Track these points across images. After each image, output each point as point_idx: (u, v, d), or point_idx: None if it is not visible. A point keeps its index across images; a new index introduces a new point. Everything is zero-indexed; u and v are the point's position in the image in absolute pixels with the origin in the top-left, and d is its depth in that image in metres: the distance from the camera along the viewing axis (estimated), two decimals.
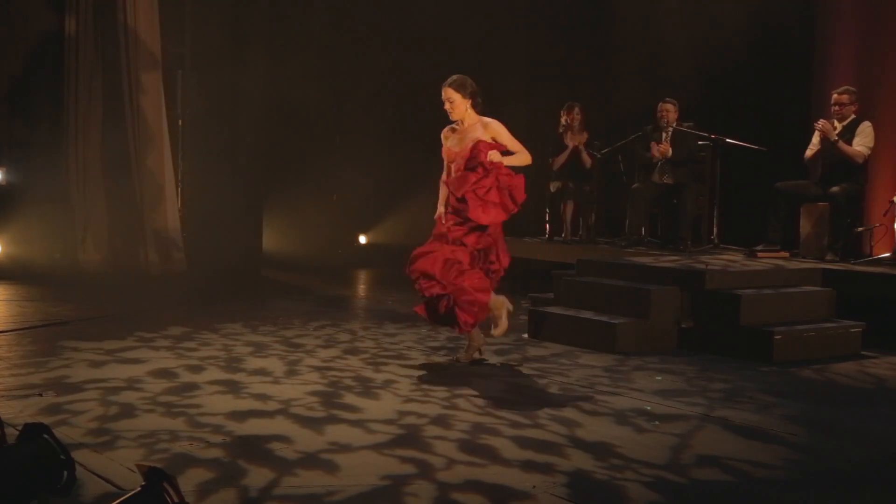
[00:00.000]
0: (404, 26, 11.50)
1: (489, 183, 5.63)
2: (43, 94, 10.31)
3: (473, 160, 5.70)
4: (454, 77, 5.85)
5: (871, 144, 7.87)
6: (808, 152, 8.13)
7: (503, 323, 5.83)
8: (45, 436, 3.00)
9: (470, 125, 5.82)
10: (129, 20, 10.22)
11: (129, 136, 10.32)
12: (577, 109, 9.50)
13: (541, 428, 4.40)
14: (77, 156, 10.26)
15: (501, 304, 5.81)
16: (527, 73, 11.58)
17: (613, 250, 8.66)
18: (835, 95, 8.02)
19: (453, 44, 11.45)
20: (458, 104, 5.79)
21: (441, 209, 5.88)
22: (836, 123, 8.01)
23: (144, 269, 10.28)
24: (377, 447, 4.03)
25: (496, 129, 5.84)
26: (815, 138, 8.10)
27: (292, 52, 11.34)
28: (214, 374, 5.40)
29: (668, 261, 7.46)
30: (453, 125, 5.90)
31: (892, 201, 7.74)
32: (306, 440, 4.10)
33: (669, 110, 8.88)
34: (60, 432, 3.76)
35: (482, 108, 5.90)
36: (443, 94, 5.82)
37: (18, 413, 4.37)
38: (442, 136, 5.94)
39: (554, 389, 5.22)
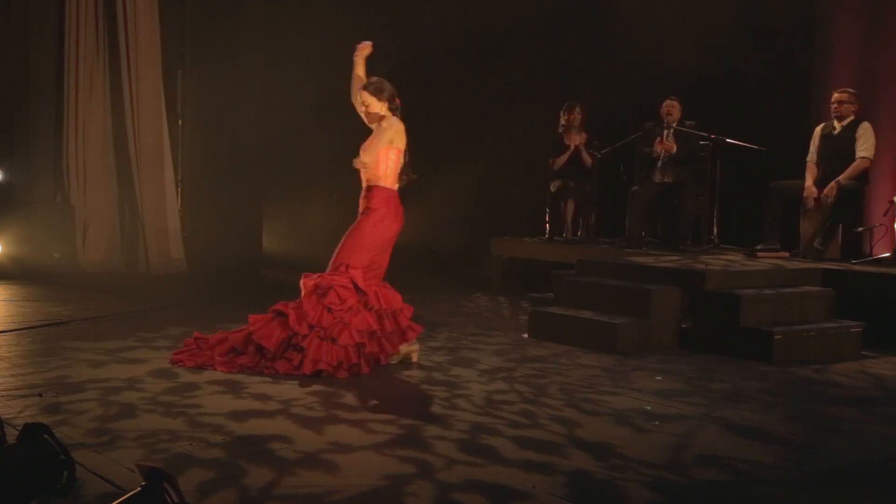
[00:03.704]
0: (404, 25, 11.49)
1: None
2: (43, 93, 10.31)
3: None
4: (371, 81, 5.78)
5: (873, 144, 7.87)
6: (813, 157, 8.10)
7: None
8: (46, 436, 3.00)
9: (380, 123, 5.76)
10: (129, 20, 10.24)
11: (128, 135, 10.33)
12: (577, 109, 9.50)
13: (541, 428, 4.40)
14: (77, 156, 10.27)
15: None
16: (527, 73, 11.58)
17: (613, 250, 8.66)
18: (835, 94, 8.04)
19: (453, 43, 11.45)
20: (374, 108, 5.74)
21: None
22: (835, 123, 8.02)
23: (144, 269, 10.29)
24: (377, 447, 4.03)
25: (381, 124, 5.72)
26: (813, 145, 8.12)
27: (292, 51, 11.34)
28: (214, 374, 5.40)
29: (668, 261, 7.46)
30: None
31: (892, 201, 7.74)
32: (306, 440, 4.10)
33: (674, 108, 8.88)
34: (60, 432, 3.76)
35: (398, 111, 5.80)
36: (360, 97, 5.77)
37: (18, 413, 4.37)
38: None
39: (554, 389, 5.22)
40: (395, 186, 5.81)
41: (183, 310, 7.96)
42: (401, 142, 5.75)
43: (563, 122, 9.56)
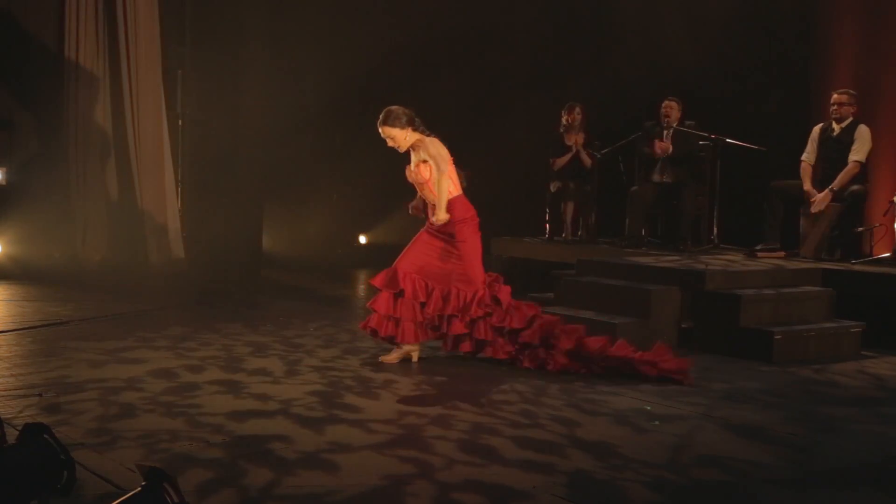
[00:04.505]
0: (404, 25, 11.50)
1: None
2: (43, 94, 10.31)
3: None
4: (383, 114, 5.75)
5: (868, 150, 7.87)
6: (811, 157, 8.09)
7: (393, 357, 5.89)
8: (46, 436, 3.00)
9: (415, 147, 5.80)
10: (129, 20, 10.23)
11: (129, 135, 10.32)
12: (577, 109, 9.49)
13: (541, 428, 4.40)
14: (77, 156, 10.26)
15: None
16: (527, 73, 11.58)
17: (613, 250, 8.66)
18: (835, 95, 8.03)
19: (453, 43, 11.45)
20: (399, 138, 5.74)
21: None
22: (833, 125, 8.01)
23: (144, 269, 10.28)
24: (377, 447, 4.03)
25: (429, 151, 5.74)
26: (810, 145, 8.12)
27: (292, 51, 11.33)
28: (214, 374, 5.40)
29: (668, 261, 7.46)
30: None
31: (892, 201, 7.74)
32: (306, 440, 4.10)
33: (673, 108, 8.87)
34: (60, 432, 3.76)
35: (423, 127, 5.80)
36: (381, 134, 5.76)
37: (18, 413, 4.38)
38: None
39: (554, 389, 5.22)
40: (460, 191, 5.86)
41: (183, 310, 7.96)
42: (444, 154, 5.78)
43: (563, 122, 9.56)
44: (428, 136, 5.79)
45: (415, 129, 5.76)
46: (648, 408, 4.85)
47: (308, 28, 11.51)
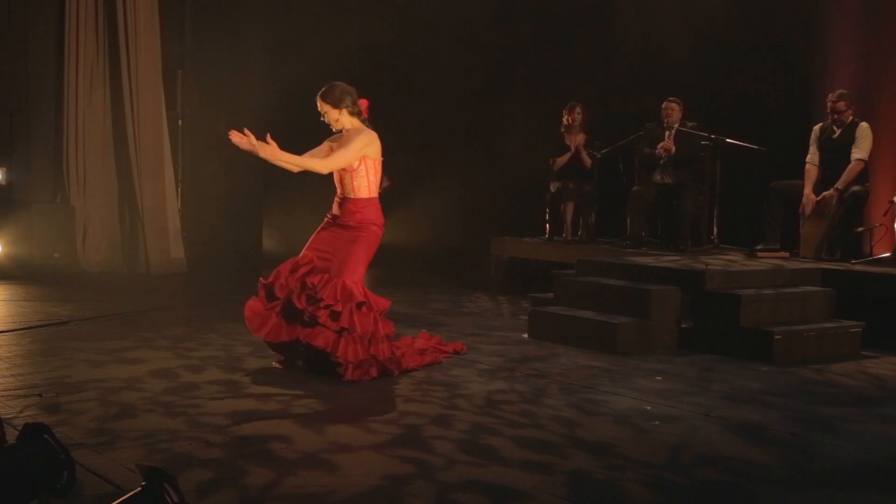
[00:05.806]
0: (405, 25, 11.49)
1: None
2: (43, 93, 10.33)
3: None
4: (325, 87, 5.60)
5: (869, 147, 7.86)
6: (815, 159, 8.07)
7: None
8: (45, 436, 3.00)
9: (347, 131, 5.62)
10: (129, 20, 10.25)
11: (129, 135, 10.33)
12: (578, 109, 9.50)
13: (541, 428, 4.40)
14: (77, 156, 10.28)
15: None
16: (527, 73, 11.58)
17: (613, 250, 8.66)
18: (829, 104, 7.99)
19: (454, 43, 11.45)
20: (331, 116, 5.59)
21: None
22: (833, 127, 8.01)
23: (144, 269, 10.30)
24: (377, 447, 4.03)
25: (345, 138, 5.55)
26: (812, 146, 8.11)
27: (292, 50, 11.33)
28: (214, 374, 5.40)
29: (668, 261, 7.46)
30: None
31: (892, 201, 7.74)
32: (306, 440, 4.10)
33: (674, 109, 8.87)
34: (60, 432, 3.76)
35: (362, 115, 5.63)
36: (318, 106, 5.61)
37: (18, 413, 4.38)
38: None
39: (554, 389, 5.22)
40: (376, 194, 5.68)
41: (183, 310, 7.96)
42: (375, 153, 5.58)
43: (564, 122, 9.56)
44: (367, 126, 5.61)
45: (351, 113, 5.58)
46: (648, 408, 4.84)
47: (308, 28, 11.51)
